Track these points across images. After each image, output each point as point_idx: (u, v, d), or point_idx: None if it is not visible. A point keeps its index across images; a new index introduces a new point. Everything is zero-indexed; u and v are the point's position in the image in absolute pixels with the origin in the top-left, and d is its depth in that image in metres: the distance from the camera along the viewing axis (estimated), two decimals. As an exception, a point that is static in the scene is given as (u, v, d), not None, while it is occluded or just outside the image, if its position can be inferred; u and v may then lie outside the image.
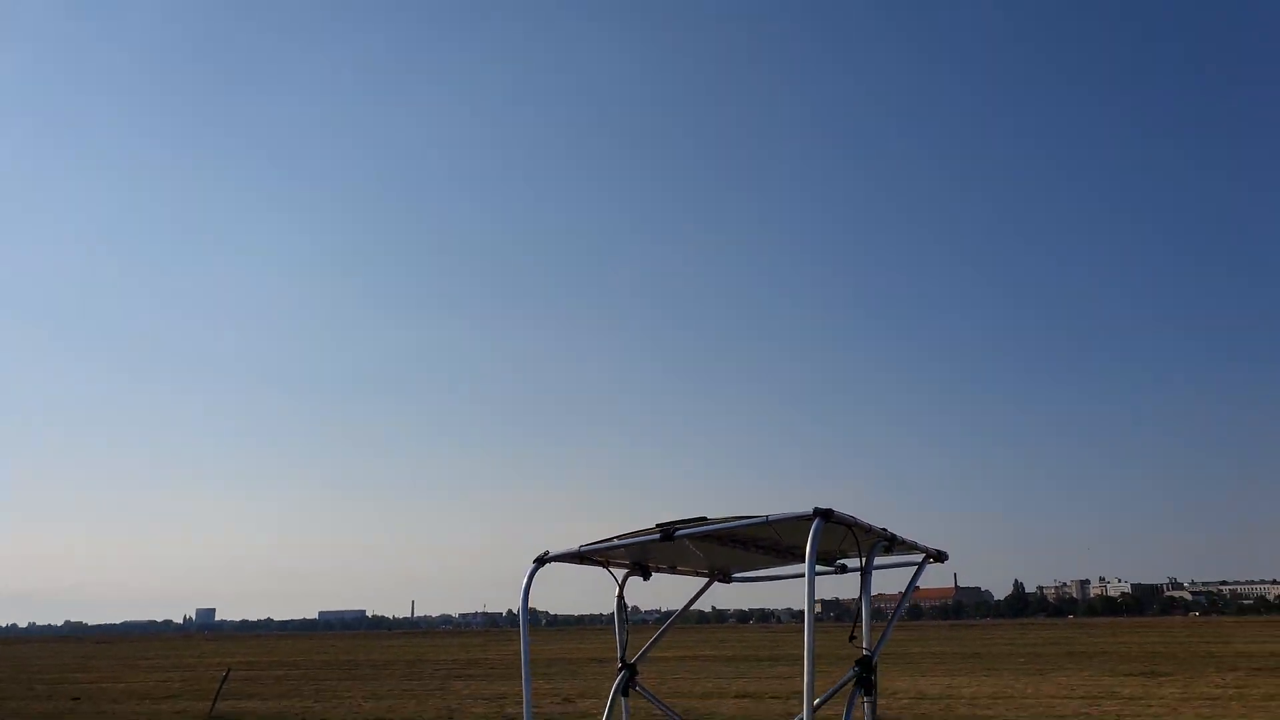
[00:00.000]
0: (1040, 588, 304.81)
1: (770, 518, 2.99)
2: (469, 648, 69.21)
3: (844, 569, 4.39)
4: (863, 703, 3.15)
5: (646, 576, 3.99)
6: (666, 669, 37.30)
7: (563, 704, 23.87)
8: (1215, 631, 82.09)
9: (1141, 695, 24.23)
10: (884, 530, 3.42)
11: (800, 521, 2.96)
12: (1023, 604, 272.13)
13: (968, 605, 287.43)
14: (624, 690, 3.79)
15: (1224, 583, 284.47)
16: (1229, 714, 19.36)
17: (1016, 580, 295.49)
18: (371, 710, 23.77)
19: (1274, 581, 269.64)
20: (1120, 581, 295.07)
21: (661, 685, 28.73)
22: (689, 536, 3.25)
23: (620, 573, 3.90)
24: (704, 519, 3.13)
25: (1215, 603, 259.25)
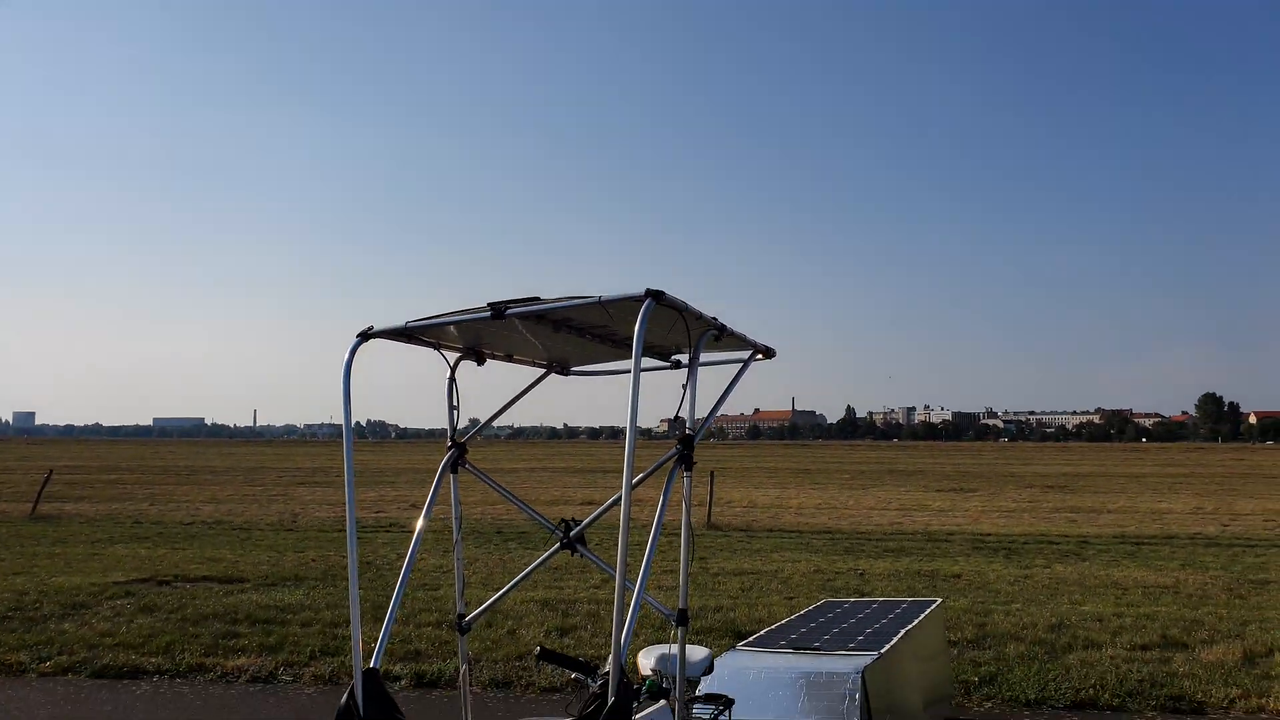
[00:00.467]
0: (870, 413, 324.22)
1: (602, 298, 2.94)
2: (315, 456, 69.07)
3: (679, 364, 4.40)
4: (683, 477, 3.24)
5: (480, 362, 3.89)
6: (516, 479, 38.28)
7: (409, 510, 24.24)
8: (1020, 455, 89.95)
9: (949, 508, 26.47)
10: (714, 319, 3.42)
11: (633, 304, 2.92)
12: (853, 427, 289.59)
13: (803, 427, 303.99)
14: (453, 468, 3.76)
15: (1033, 412, 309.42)
16: (1021, 523, 21.44)
17: (849, 405, 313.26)
18: (211, 514, 23.56)
19: (1074, 412, 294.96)
20: (943, 409, 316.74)
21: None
22: (521, 317, 3.16)
23: (453, 356, 3.80)
24: (537, 299, 3.06)
25: (1024, 430, 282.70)
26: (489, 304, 3.07)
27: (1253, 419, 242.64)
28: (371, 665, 3.11)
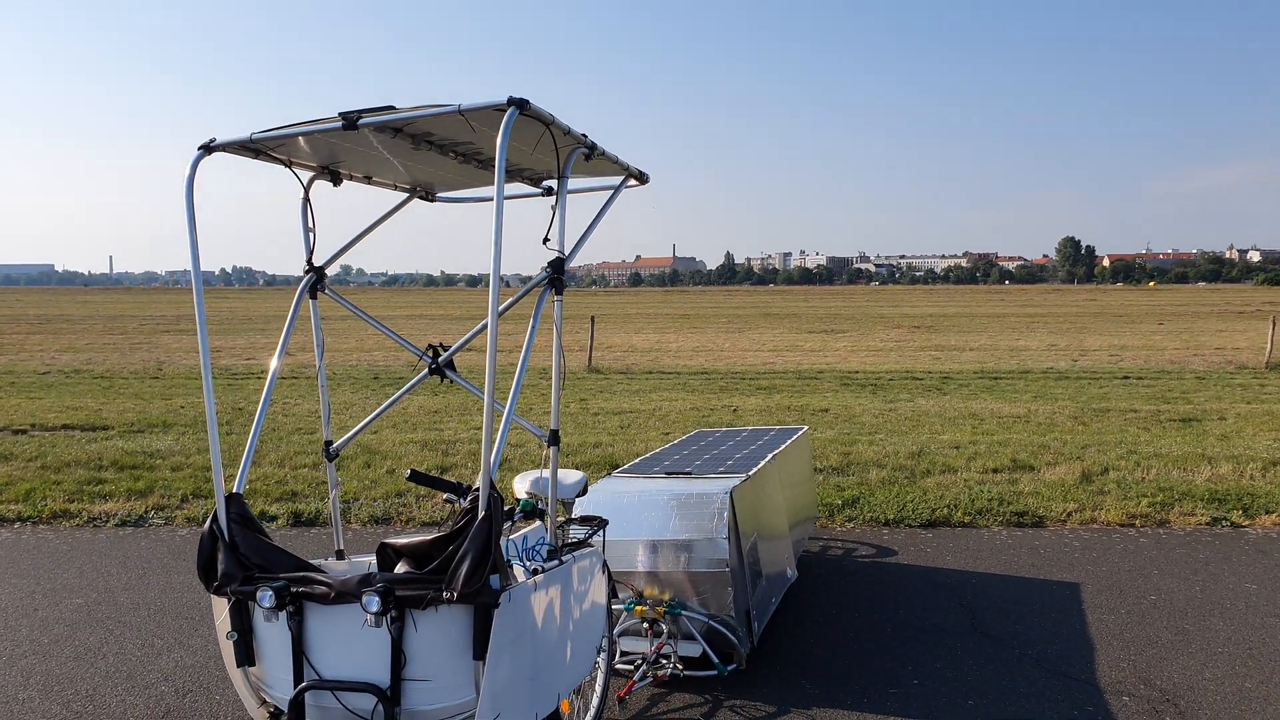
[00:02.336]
0: (749, 259, 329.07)
1: (461, 107, 2.76)
2: (180, 304, 66.23)
3: (551, 191, 4.25)
4: (553, 301, 3.16)
5: (336, 182, 3.65)
6: (390, 325, 37.61)
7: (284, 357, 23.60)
8: (889, 298, 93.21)
9: (820, 348, 27.36)
10: (584, 136, 3.27)
11: (495, 114, 2.76)
12: (732, 273, 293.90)
13: (683, 274, 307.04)
14: (311, 293, 3.58)
15: (903, 257, 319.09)
16: (887, 361, 22.37)
17: (728, 251, 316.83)
18: (68, 362, 22.47)
19: (942, 256, 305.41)
20: (817, 254, 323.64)
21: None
22: (376, 130, 2.96)
23: (306, 175, 3.55)
24: (391, 108, 2.86)
25: (894, 274, 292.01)
26: (340, 113, 2.86)
27: (1106, 262, 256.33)
28: (235, 490, 3.03)
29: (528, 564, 3.14)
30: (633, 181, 3.95)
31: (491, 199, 4.41)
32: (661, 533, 4.64)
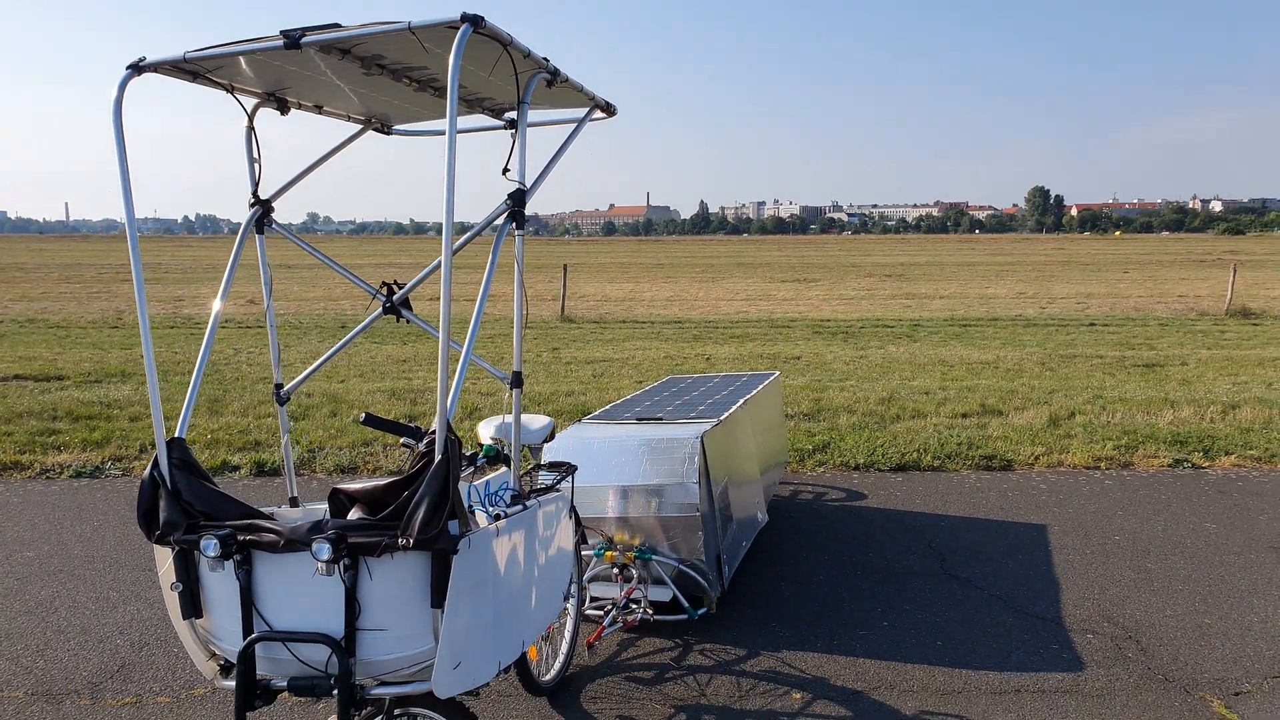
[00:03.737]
0: (723, 208, 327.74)
1: (412, 24, 2.59)
2: (141, 252, 64.89)
3: (513, 124, 4.05)
4: (514, 236, 3.04)
5: (284, 110, 3.41)
6: (357, 274, 37.10)
7: (245, 306, 23.30)
8: (861, 247, 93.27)
9: (793, 297, 27.36)
10: (545, 60, 3.10)
11: (448, 32, 2.60)
12: (706, 223, 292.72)
13: (658, 224, 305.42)
14: (257, 228, 3.41)
15: (875, 206, 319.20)
16: (859, 309, 22.41)
17: (702, 201, 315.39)
18: (21, 311, 22.01)
19: (914, 205, 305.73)
20: (791, 204, 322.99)
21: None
22: (322, 50, 2.76)
23: (250, 102, 3.33)
24: (337, 25, 2.66)
25: (867, 223, 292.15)
26: (282, 31, 2.65)
27: (1074, 211, 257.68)
28: (177, 435, 2.91)
29: (490, 510, 3.03)
30: (599, 113, 3.77)
31: (466, 130, 4.23)
32: (632, 478, 4.61)
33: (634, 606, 4.54)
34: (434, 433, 2.58)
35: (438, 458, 2.55)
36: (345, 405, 9.86)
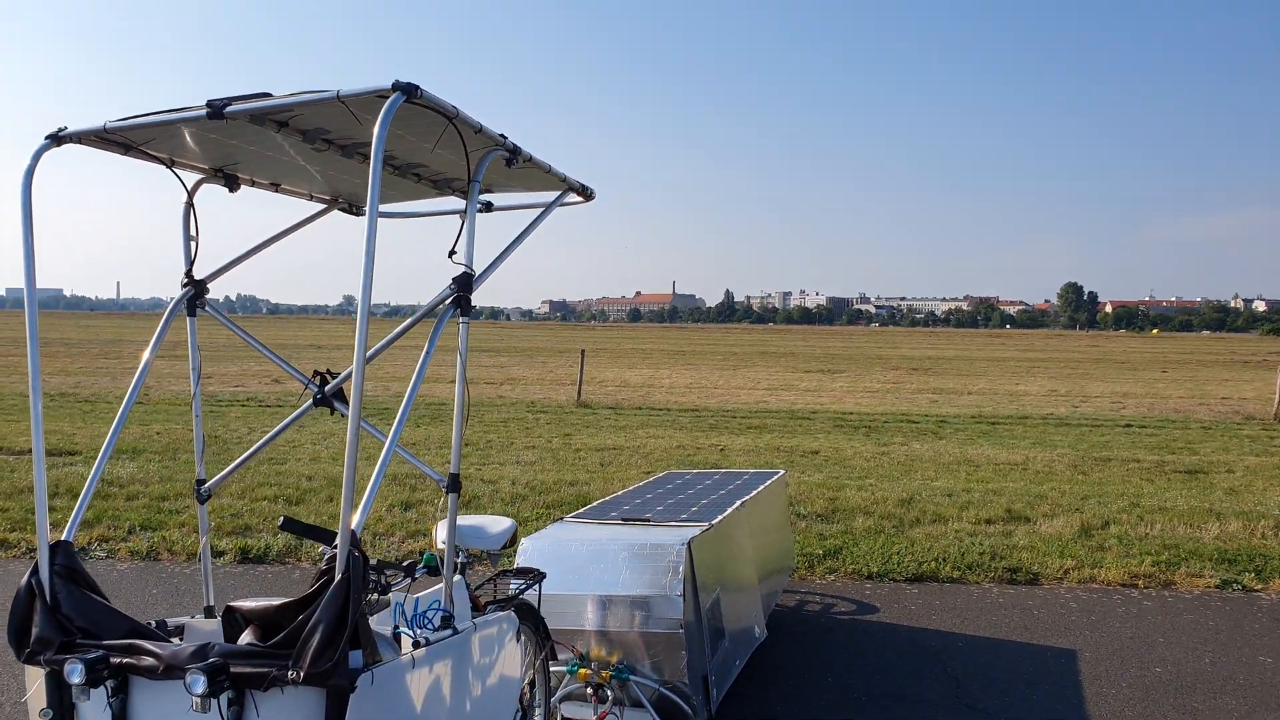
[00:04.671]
0: (748, 297, 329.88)
1: (341, 93, 2.32)
2: (178, 329, 65.76)
3: (490, 207, 3.78)
4: (458, 323, 2.72)
5: (232, 187, 3.21)
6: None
7: (270, 384, 23.18)
8: (889, 339, 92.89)
9: (815, 388, 26.90)
10: (502, 136, 2.83)
11: (379, 101, 2.32)
12: (731, 311, 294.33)
13: (683, 311, 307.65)
14: (189, 310, 3.13)
15: (904, 298, 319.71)
16: (884, 403, 21.90)
17: (728, 289, 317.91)
18: (57, 385, 22.04)
19: (943, 299, 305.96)
20: (818, 294, 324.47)
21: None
22: (256, 122, 2.52)
23: (193, 178, 3.11)
24: (267, 94, 2.41)
25: (895, 316, 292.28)
26: (207, 101, 2.42)
27: (1109, 308, 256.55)
28: (64, 537, 2.55)
29: (417, 634, 2.62)
30: (574, 196, 3.50)
31: (427, 214, 3.97)
32: (611, 587, 4.17)
33: (608, 733, 4.04)
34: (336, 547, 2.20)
35: (337, 576, 2.17)
36: (291, 490, 9.52)
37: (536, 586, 3.91)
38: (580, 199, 3.55)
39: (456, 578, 3.49)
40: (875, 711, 4.59)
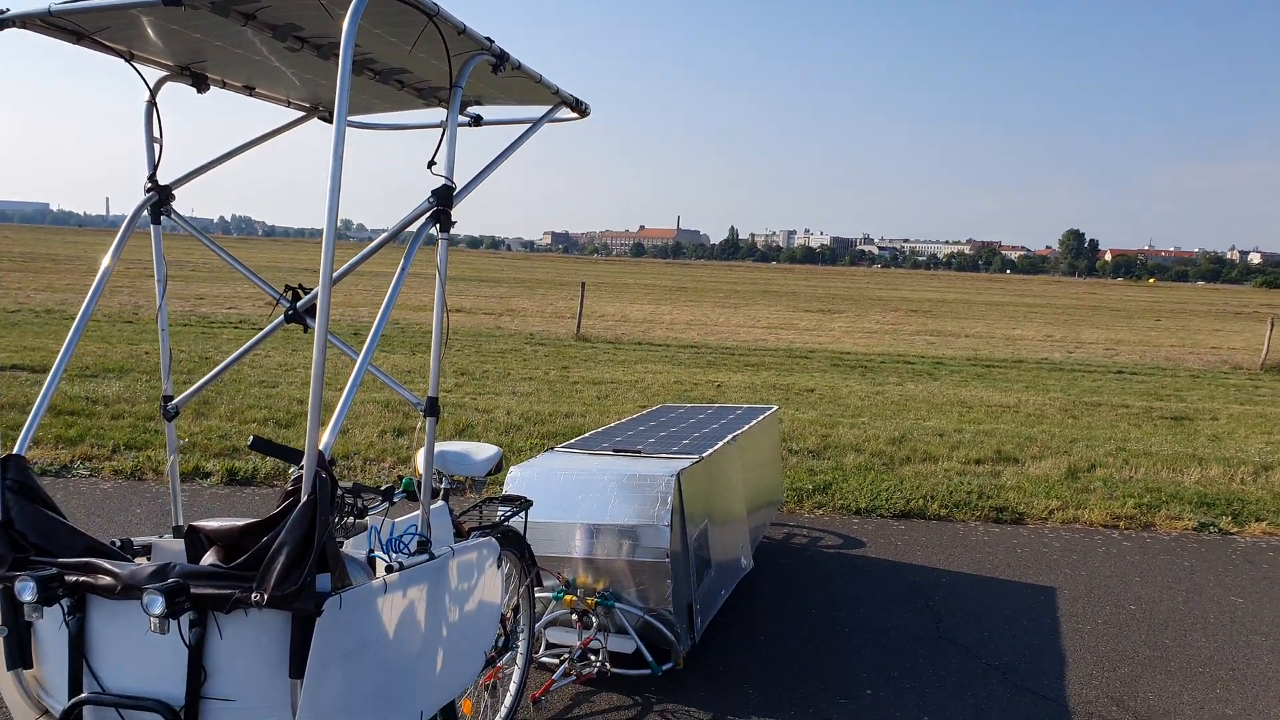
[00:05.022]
0: (753, 234, 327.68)
1: None
2: (172, 249, 65.41)
3: (480, 120, 3.62)
4: (437, 239, 2.64)
5: (201, 88, 3.02)
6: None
7: (263, 307, 23.12)
8: (890, 281, 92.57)
9: (814, 327, 26.89)
10: (489, 40, 2.70)
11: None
12: (735, 249, 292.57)
13: (686, 247, 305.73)
14: (153, 217, 3.00)
15: (907, 240, 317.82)
16: (881, 344, 21.92)
17: (732, 227, 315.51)
18: (42, 302, 21.95)
19: (946, 242, 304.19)
20: (821, 234, 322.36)
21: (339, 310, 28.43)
22: (218, 12, 2.36)
23: (156, 74, 2.94)
24: None
25: (897, 258, 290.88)
26: None
27: (1108, 256, 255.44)
28: (16, 451, 2.49)
29: (392, 558, 2.59)
30: (566, 111, 3.36)
31: (409, 126, 3.82)
32: (599, 516, 4.21)
33: (592, 658, 4.13)
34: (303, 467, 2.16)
35: (303, 497, 2.13)
36: (286, 413, 9.52)
37: (523, 514, 3.96)
38: (574, 115, 3.42)
39: (438, 503, 3.49)
40: (857, 643, 4.68)
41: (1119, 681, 4.33)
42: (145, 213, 3.02)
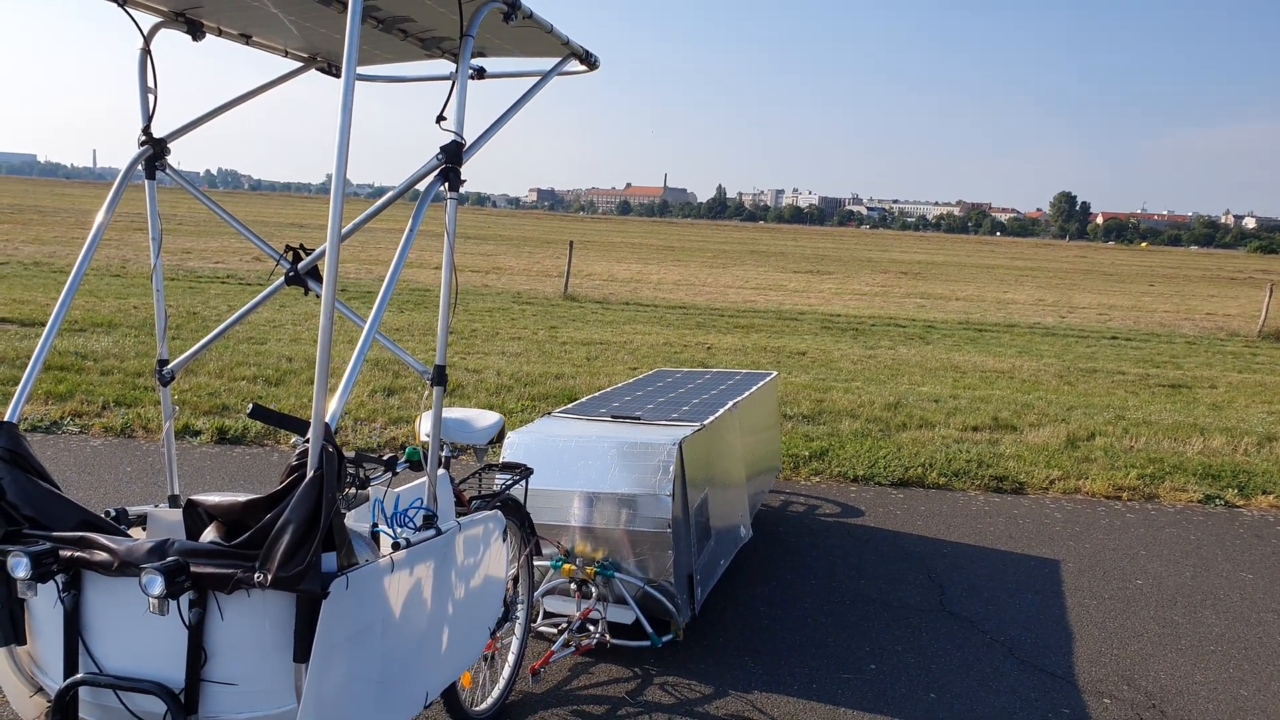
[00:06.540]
0: (740, 193, 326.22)
1: None
2: (161, 203, 64.33)
3: (483, 73, 3.45)
4: (446, 198, 2.48)
5: (196, 35, 2.88)
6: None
7: (251, 262, 22.80)
8: (879, 242, 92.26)
9: (804, 289, 26.74)
10: None
11: None
12: (722, 207, 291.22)
13: (673, 205, 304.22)
14: (148, 171, 2.85)
15: (896, 201, 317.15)
16: (871, 306, 21.80)
17: (720, 185, 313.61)
18: (30, 254, 21.59)
19: (936, 203, 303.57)
20: (810, 194, 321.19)
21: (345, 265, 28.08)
22: None
23: (150, 20, 2.78)
24: None
25: (886, 218, 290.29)
26: None
27: (1100, 219, 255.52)
28: (8, 418, 2.37)
29: (397, 533, 2.47)
30: (575, 64, 3.19)
31: (414, 78, 3.67)
32: (599, 484, 4.08)
33: (590, 629, 4.02)
34: (309, 440, 2.03)
35: (309, 473, 2.01)
36: (292, 374, 9.35)
37: (523, 482, 3.82)
38: (583, 68, 3.26)
39: (441, 472, 3.36)
40: (859, 614, 4.58)
41: (1129, 659, 4.24)
42: (139, 167, 2.85)
